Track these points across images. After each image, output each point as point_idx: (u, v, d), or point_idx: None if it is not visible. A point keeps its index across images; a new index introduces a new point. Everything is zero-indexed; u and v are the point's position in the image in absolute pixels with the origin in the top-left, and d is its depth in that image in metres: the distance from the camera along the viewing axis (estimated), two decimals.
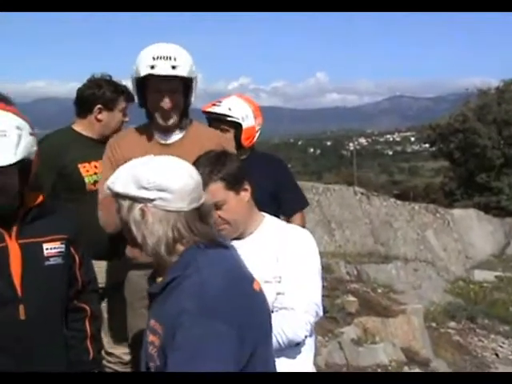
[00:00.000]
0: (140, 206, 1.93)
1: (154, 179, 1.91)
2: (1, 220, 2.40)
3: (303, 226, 3.54)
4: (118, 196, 1.97)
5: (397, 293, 9.95)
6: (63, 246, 2.53)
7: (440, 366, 7.40)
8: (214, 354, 1.77)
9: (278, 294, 2.50)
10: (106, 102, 3.79)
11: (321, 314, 2.60)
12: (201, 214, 1.97)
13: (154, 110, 3.19)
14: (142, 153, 3.18)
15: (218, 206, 2.56)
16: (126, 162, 3.17)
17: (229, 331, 1.79)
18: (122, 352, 3.82)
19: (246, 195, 2.58)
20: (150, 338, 1.93)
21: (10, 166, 2.31)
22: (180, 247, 1.95)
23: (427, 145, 36.84)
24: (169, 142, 3.25)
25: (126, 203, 1.95)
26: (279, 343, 2.45)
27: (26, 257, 2.43)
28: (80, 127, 3.85)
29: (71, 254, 2.58)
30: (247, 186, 2.58)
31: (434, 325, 9.40)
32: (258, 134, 4.08)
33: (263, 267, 2.51)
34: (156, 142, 3.25)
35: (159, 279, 2.01)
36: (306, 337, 2.53)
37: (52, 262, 2.49)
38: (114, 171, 3.15)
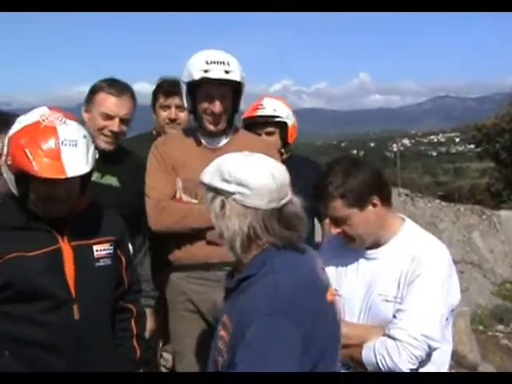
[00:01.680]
0: (221, 198, 1.98)
1: (236, 173, 1.96)
2: (54, 223, 2.47)
3: None
4: (204, 186, 2.03)
5: None
6: (111, 247, 2.59)
7: (488, 369, 7.27)
8: (281, 355, 1.79)
9: (396, 313, 2.43)
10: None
11: (435, 345, 2.44)
12: (281, 215, 1.97)
13: (204, 114, 3.23)
14: (191, 156, 3.25)
15: (341, 221, 2.50)
16: (175, 165, 3.24)
17: (296, 335, 1.81)
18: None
19: (373, 210, 2.47)
20: (221, 332, 1.97)
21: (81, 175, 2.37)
22: (255, 247, 1.98)
23: (472, 145, 36.31)
24: (216, 146, 3.29)
25: (210, 194, 2.01)
26: (380, 366, 2.39)
27: (79, 258, 2.49)
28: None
29: (118, 256, 2.64)
30: (376, 201, 2.47)
31: (481, 328, 9.25)
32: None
33: (386, 284, 2.47)
34: (204, 147, 3.30)
35: (237, 275, 2.04)
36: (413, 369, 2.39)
37: (102, 263, 2.55)
38: (165, 172, 3.23)
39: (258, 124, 3.86)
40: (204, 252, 3.08)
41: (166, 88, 3.87)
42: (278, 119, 3.87)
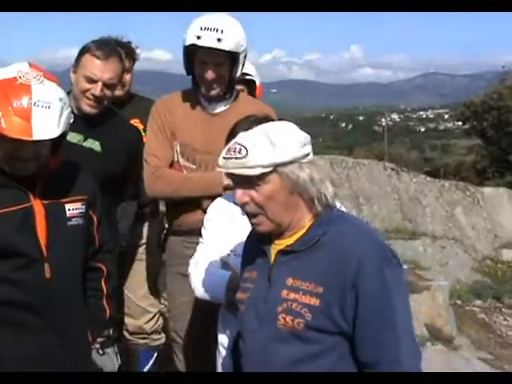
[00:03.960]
0: (296, 165, 1.95)
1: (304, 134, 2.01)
2: (25, 181, 2.44)
3: None
4: (279, 166, 1.93)
5: (423, 269, 9.89)
6: (83, 206, 2.58)
7: (463, 342, 7.37)
8: (406, 298, 1.97)
9: None
10: None
11: None
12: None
13: (199, 79, 3.23)
14: (191, 120, 3.22)
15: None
16: (175, 128, 3.21)
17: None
18: (144, 322, 3.88)
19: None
20: (290, 295, 1.95)
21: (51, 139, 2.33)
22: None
23: (460, 122, 36.32)
24: (215, 111, 3.29)
25: (287, 169, 1.93)
26: None
27: (50, 217, 2.47)
28: None
29: (89, 215, 2.62)
30: None
31: (459, 302, 9.35)
32: None
33: None
34: (203, 111, 3.30)
35: (288, 239, 2.02)
36: None
37: (74, 222, 2.53)
38: (164, 138, 3.22)
39: None
40: (200, 218, 3.10)
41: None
42: (247, 77, 3.97)
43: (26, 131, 2.26)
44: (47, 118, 2.30)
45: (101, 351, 2.66)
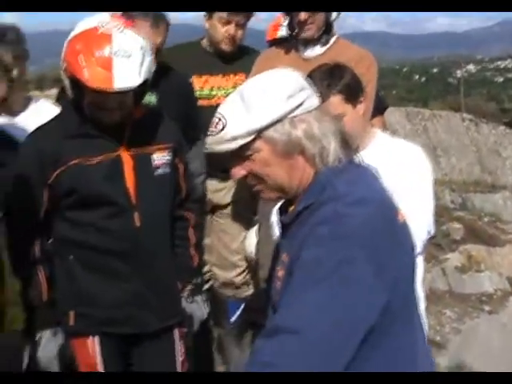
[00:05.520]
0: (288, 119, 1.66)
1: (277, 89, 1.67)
2: (112, 131, 2.46)
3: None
4: (261, 131, 1.66)
5: (504, 223, 9.64)
6: (170, 155, 2.58)
7: None
8: (343, 279, 1.48)
9: None
10: None
11: (432, 232, 2.53)
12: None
13: (294, 21, 3.19)
14: (284, 65, 3.16)
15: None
16: None
17: (366, 260, 1.50)
18: (234, 275, 3.92)
19: (361, 107, 2.50)
20: (279, 272, 1.73)
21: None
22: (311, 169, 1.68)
23: None
24: (309, 55, 3.22)
25: (273, 131, 1.65)
26: None
27: (138, 167, 2.50)
28: None
29: (175, 164, 2.62)
30: (362, 98, 2.50)
31: None
32: None
33: None
34: (298, 56, 3.24)
35: (291, 207, 1.75)
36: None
37: (161, 171, 2.55)
38: None
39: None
40: None
41: None
42: None
43: (108, 81, 2.27)
44: (128, 67, 2.30)
45: (190, 299, 2.68)
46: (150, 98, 3.22)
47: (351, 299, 1.49)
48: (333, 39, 3.27)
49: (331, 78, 2.46)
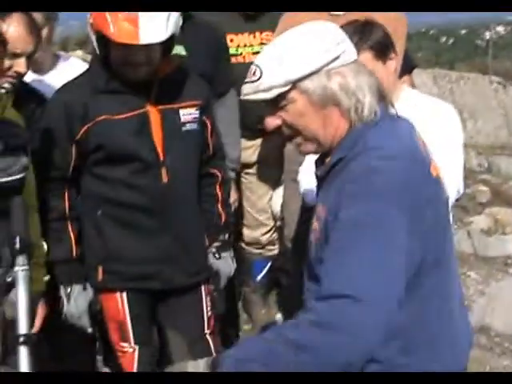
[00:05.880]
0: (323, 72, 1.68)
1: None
2: (139, 87, 2.46)
3: None
4: (296, 82, 1.68)
5: None
6: (197, 112, 2.58)
7: None
8: (377, 236, 1.50)
9: None
10: None
11: (462, 191, 2.51)
12: None
13: None
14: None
15: None
16: None
17: (398, 216, 1.52)
18: (260, 234, 3.94)
19: (392, 64, 2.45)
20: (314, 224, 1.77)
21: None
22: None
23: None
24: (336, 12, 3.08)
25: (309, 82, 1.67)
26: None
27: (166, 122, 2.50)
28: None
29: (203, 121, 2.62)
30: (393, 55, 2.45)
31: None
32: None
33: None
34: (326, 12, 3.08)
35: (327, 159, 1.76)
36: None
37: (188, 127, 2.55)
38: None
39: None
40: None
41: None
42: None
43: (134, 36, 2.27)
44: (154, 21, 2.29)
45: (217, 255, 2.69)
46: (178, 50, 3.09)
47: (394, 252, 1.52)
48: None
49: (361, 34, 2.42)
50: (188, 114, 2.54)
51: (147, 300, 2.61)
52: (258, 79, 1.68)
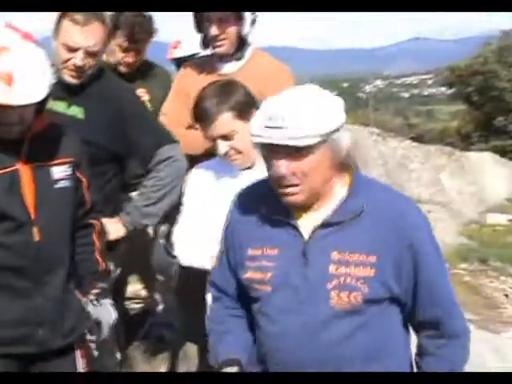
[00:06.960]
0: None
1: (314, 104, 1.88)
2: (10, 145, 2.39)
3: None
4: (327, 135, 1.81)
5: None
6: (70, 169, 2.53)
7: None
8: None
9: None
10: None
11: None
12: None
13: (207, 37, 3.17)
14: (201, 82, 2.95)
15: (229, 137, 2.55)
16: (190, 90, 3.01)
17: None
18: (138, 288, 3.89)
19: None
20: (342, 270, 1.85)
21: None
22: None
23: (444, 88, 36.28)
24: (225, 71, 3.17)
25: (335, 136, 1.83)
26: None
27: (37, 180, 2.43)
28: None
29: (78, 177, 2.57)
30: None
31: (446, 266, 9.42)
32: None
33: None
34: (215, 72, 3.19)
35: (319, 210, 1.92)
36: None
37: (61, 184, 2.49)
38: (181, 101, 3.10)
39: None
40: None
41: None
42: None
43: (8, 96, 2.21)
44: (29, 81, 2.24)
45: (96, 302, 2.62)
46: (76, 111, 2.99)
47: None
48: (249, 52, 3.22)
49: (221, 95, 2.48)
50: (60, 171, 2.49)
51: (17, 364, 2.49)
52: (290, 126, 1.75)
